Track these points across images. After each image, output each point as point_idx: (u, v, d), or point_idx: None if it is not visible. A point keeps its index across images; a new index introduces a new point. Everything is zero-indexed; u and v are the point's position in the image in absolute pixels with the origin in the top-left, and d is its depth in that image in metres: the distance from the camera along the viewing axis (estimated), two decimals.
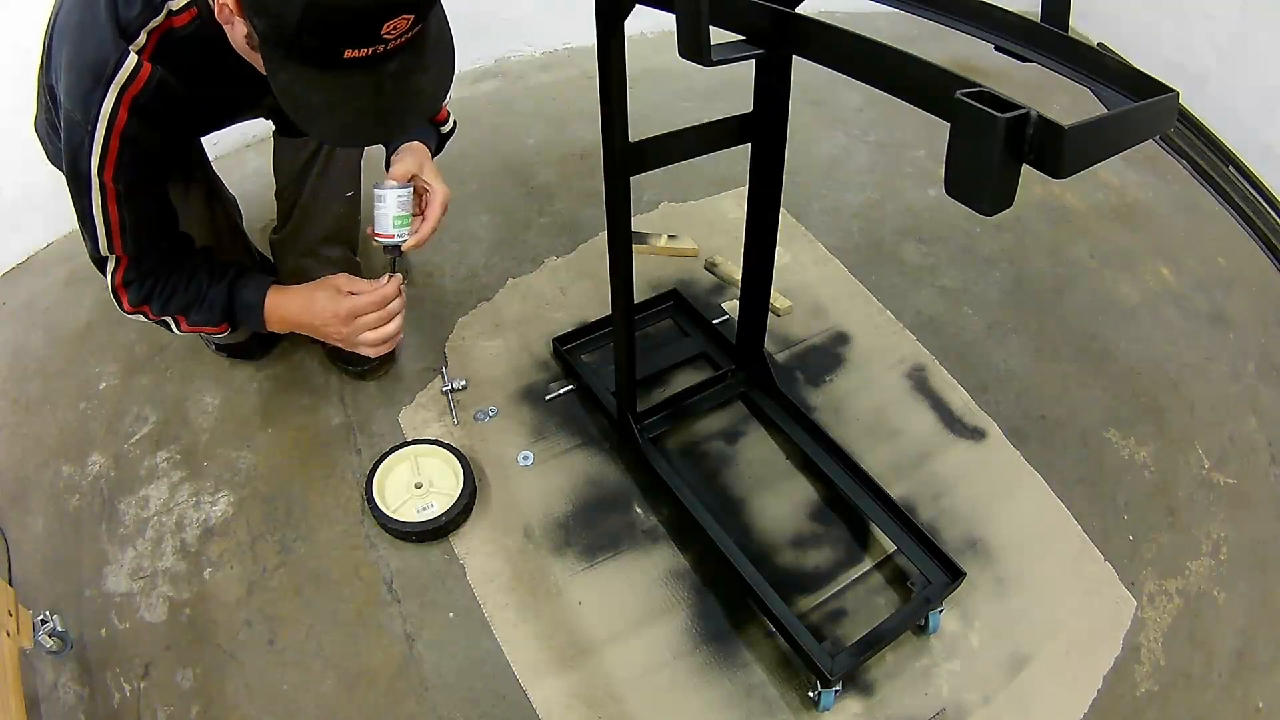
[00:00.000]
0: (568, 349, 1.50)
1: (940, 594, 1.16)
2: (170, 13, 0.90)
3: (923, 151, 2.19)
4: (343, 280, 1.14)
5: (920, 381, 1.56)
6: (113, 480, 1.32)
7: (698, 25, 0.70)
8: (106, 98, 0.89)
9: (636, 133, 0.96)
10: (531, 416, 1.43)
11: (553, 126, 2.12)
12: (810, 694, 1.09)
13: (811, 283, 1.74)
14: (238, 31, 0.84)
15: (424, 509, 1.25)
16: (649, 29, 2.52)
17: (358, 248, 1.45)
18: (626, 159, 0.97)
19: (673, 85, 2.29)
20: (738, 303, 1.35)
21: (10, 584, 1.15)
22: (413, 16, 0.77)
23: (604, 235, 1.08)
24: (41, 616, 1.09)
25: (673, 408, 1.41)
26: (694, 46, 0.71)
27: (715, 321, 1.55)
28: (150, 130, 0.94)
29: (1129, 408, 1.58)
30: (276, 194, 1.37)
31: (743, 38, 0.78)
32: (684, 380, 1.48)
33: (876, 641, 1.11)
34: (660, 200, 1.92)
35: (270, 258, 1.46)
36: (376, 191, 1.10)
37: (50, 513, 1.28)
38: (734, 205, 1.93)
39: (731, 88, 2.40)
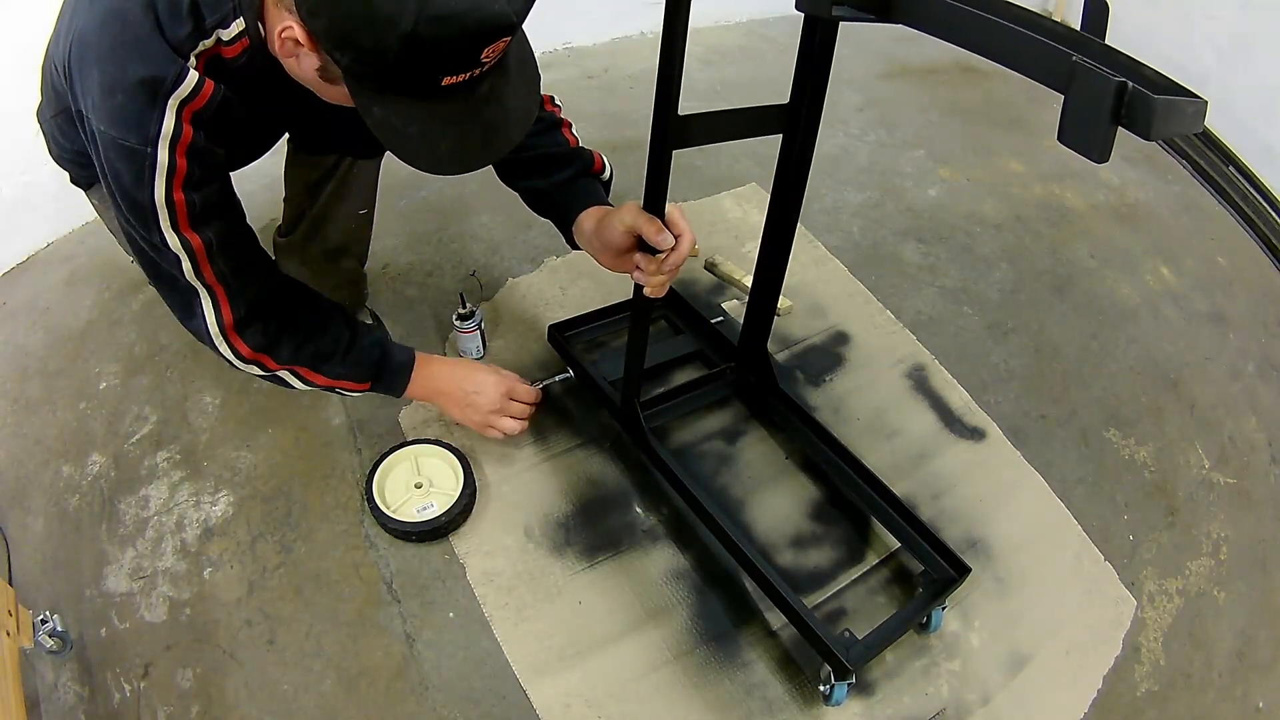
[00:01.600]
0: (566, 336, 1.49)
1: (948, 589, 1.16)
2: (220, 40, 0.84)
3: (922, 151, 2.19)
4: (500, 369, 1.27)
5: (920, 381, 1.56)
6: (113, 480, 1.32)
7: None
8: (166, 114, 0.82)
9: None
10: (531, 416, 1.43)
11: None
12: (822, 688, 1.09)
13: (811, 283, 1.74)
14: (307, 64, 0.79)
15: (424, 509, 1.25)
16: (649, 29, 2.52)
17: (365, 259, 1.45)
18: (674, 132, 0.96)
19: None
20: (737, 303, 1.35)
21: (10, 584, 1.15)
22: (510, 38, 0.75)
23: None
24: (41, 616, 1.08)
25: (675, 411, 1.41)
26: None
27: (713, 321, 1.55)
28: (216, 145, 0.88)
29: (1129, 408, 1.58)
30: (285, 200, 1.35)
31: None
32: (683, 381, 1.48)
33: (890, 634, 1.11)
34: None
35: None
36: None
37: (50, 513, 1.28)
38: (734, 205, 1.93)
39: (731, 87, 2.40)
